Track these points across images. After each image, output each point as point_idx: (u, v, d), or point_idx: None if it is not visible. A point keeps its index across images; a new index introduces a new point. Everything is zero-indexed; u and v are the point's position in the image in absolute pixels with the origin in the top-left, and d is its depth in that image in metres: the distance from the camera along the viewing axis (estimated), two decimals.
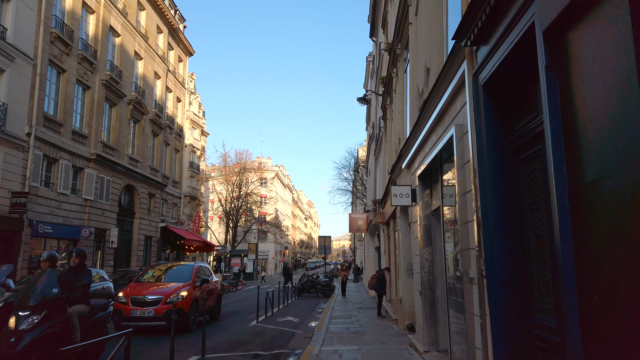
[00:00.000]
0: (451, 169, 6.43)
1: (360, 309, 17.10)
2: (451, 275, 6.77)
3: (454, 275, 6.51)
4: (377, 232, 20.21)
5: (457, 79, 5.11)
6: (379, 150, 21.64)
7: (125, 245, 25.91)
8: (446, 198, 6.87)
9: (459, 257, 6.13)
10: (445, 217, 7.02)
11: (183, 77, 35.94)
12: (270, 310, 15.90)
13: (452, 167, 6.31)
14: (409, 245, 11.67)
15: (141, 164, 27.25)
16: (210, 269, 14.31)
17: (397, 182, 12.30)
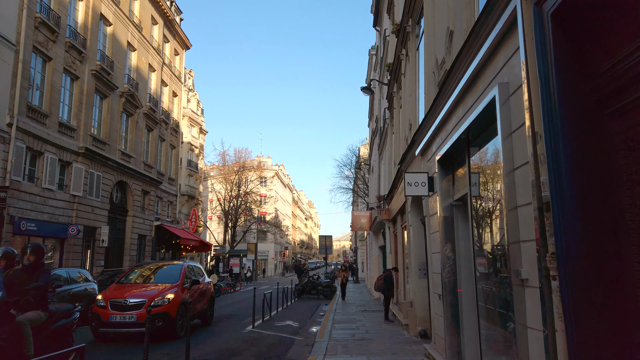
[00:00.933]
0: (487, 144, 5.26)
1: (365, 312, 15.93)
2: (482, 276, 5.61)
3: (488, 276, 5.34)
4: (382, 230, 19.05)
5: (504, 21, 3.94)
6: (384, 144, 20.49)
7: (117, 245, 24.74)
8: (478, 182, 5.70)
9: (497, 253, 4.96)
10: (476, 205, 5.85)
11: (179, 70, 34.79)
12: (268, 314, 14.74)
13: (488, 141, 5.15)
14: (422, 242, 10.50)
15: (134, 159, 26.09)
16: (202, 269, 13.13)
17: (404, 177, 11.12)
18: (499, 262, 4.90)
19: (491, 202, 5.26)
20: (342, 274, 23.03)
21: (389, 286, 12.83)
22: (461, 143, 6.12)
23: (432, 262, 8.04)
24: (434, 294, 7.92)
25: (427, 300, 10.29)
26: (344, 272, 23.42)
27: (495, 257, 5.05)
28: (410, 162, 10.47)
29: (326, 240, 42.40)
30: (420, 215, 10.64)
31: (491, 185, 5.23)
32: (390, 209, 16.89)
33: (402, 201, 12.50)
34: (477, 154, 5.72)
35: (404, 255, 13.76)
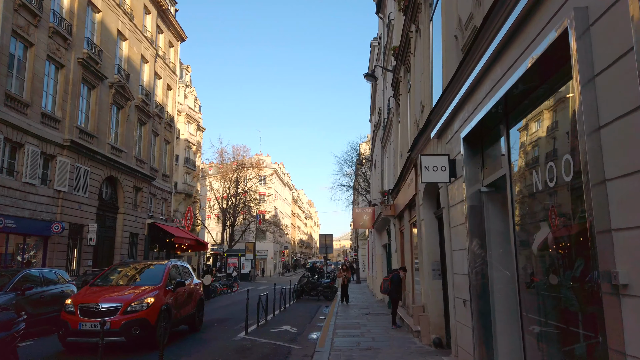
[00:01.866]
0: (539, 104, 4.04)
1: (369, 316, 14.72)
2: (528, 278, 4.40)
3: (546, 279, 4.12)
4: (387, 227, 17.84)
5: None
6: (388, 135, 19.28)
7: (106, 243, 23.52)
8: (524, 158, 4.48)
9: (559, 247, 3.74)
10: (519, 187, 4.63)
11: (174, 63, 33.56)
12: (264, 318, 13.53)
13: (542, 99, 3.93)
14: (435, 239, 9.30)
15: (125, 154, 24.86)
16: (190, 269, 11.89)
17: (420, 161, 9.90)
18: (562, 259, 3.68)
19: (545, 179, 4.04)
20: (343, 274, 20.13)
21: (397, 288, 11.61)
22: (495, 113, 4.91)
23: (454, 261, 6.83)
24: (457, 298, 6.71)
25: (441, 304, 9.08)
26: (345, 272, 20.51)
27: (556, 254, 3.83)
28: (422, 148, 9.25)
29: (326, 239, 41.13)
30: (434, 208, 9.44)
31: (545, 158, 4.01)
32: (396, 204, 15.68)
33: (411, 194, 11.29)
34: (523, 121, 4.50)
35: (412, 253, 12.55)
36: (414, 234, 12.30)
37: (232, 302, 21.70)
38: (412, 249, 12.55)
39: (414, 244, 12.22)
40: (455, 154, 6.51)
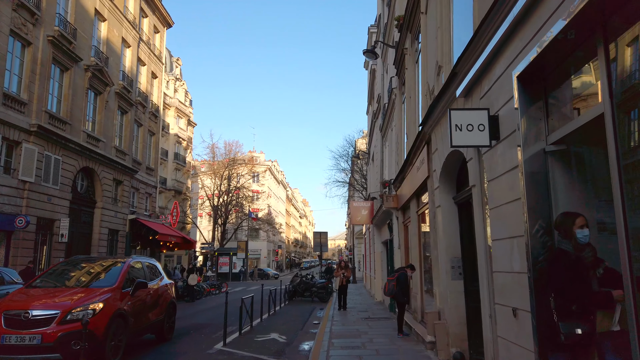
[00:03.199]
0: None
1: (369, 321, 12.95)
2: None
3: None
4: (388, 222, 16.10)
5: None
6: (389, 122, 17.53)
7: (82, 240, 21.62)
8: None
9: None
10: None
11: (160, 50, 31.62)
12: (249, 323, 11.73)
13: None
14: (455, 229, 7.55)
15: (104, 144, 22.95)
16: (160, 267, 10.04)
17: (434, 137, 8.14)
18: None
19: None
20: (341, 273, 16.70)
21: (404, 290, 9.82)
22: (582, 23, 3.15)
23: (494, 255, 5.05)
24: (499, 306, 4.93)
25: (463, 311, 7.33)
26: (343, 269, 16.90)
27: None
28: (440, 117, 7.46)
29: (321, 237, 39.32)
30: (453, 192, 7.68)
31: None
32: (399, 194, 13.91)
33: (420, 178, 9.53)
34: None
35: (420, 249, 10.79)
36: (424, 226, 10.54)
37: (218, 304, 19.87)
38: (421, 244, 10.79)
39: (425, 238, 10.47)
40: (498, 107, 4.73)
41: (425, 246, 10.58)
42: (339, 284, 16.65)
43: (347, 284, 16.97)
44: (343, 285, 16.50)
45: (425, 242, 10.56)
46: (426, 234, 10.22)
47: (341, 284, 16.54)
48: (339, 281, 16.84)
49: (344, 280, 16.56)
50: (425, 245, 10.63)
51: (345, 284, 16.59)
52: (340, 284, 16.55)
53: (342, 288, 16.49)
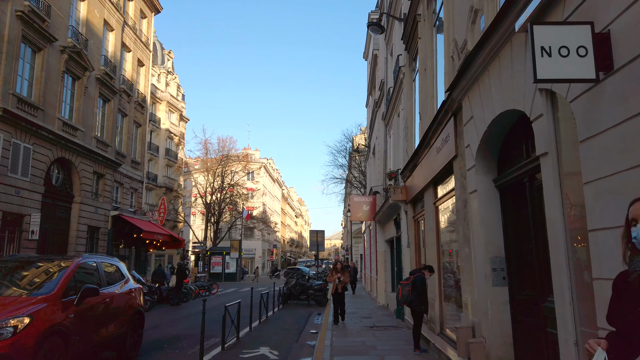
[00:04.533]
0: None
1: (375, 330, 11.21)
2: None
3: None
4: (395, 217, 14.35)
5: None
6: (394, 107, 15.81)
7: (57, 238, 19.76)
8: None
9: None
10: None
11: (147, 36, 29.76)
12: (235, 334, 9.96)
13: None
14: (497, 220, 5.82)
15: (83, 133, 21.10)
16: (122, 267, 8.20)
17: (466, 103, 6.39)
18: None
19: None
20: (336, 277, 13.05)
21: (421, 296, 8.06)
22: None
23: (597, 254, 3.30)
24: (604, 332, 3.17)
25: (509, 326, 5.61)
26: (339, 273, 13.19)
27: None
28: (480, 73, 5.72)
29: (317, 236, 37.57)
30: (493, 172, 5.95)
31: None
32: (408, 186, 12.19)
33: (441, 162, 7.82)
34: None
35: (438, 247, 9.06)
36: (444, 220, 8.82)
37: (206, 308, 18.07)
38: (439, 242, 9.05)
39: (445, 234, 8.75)
40: (609, 20, 3.00)
41: (445, 244, 8.85)
42: (334, 291, 13.09)
43: (344, 292, 13.18)
44: (339, 294, 12.95)
45: (445, 239, 8.84)
46: (447, 228, 8.50)
47: (336, 292, 12.96)
48: (332, 287, 13.28)
49: (339, 287, 12.94)
50: (444, 243, 8.91)
51: (341, 292, 12.96)
52: (336, 291, 12.98)
53: (338, 296, 12.96)
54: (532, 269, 5.04)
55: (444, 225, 8.82)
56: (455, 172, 7.10)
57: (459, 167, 6.91)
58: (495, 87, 5.11)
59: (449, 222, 8.41)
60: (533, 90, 4.13)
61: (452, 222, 8.05)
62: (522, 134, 5.12)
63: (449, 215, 8.37)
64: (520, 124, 5.16)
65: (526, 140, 5.03)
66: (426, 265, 8.63)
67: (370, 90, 27.50)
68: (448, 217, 8.46)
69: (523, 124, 5.00)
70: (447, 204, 8.38)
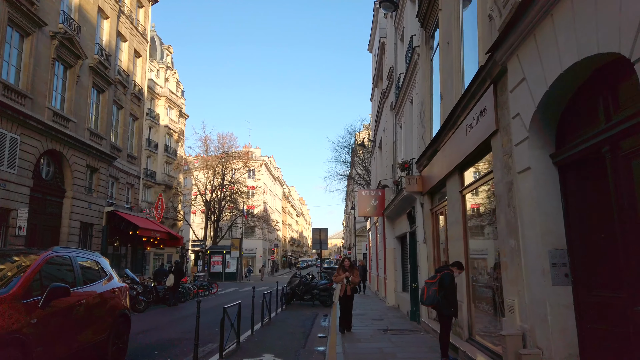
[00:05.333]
0: None
1: (391, 335, 10.13)
2: None
3: None
4: (409, 211, 13.22)
5: None
6: (406, 94, 14.72)
7: (48, 234, 18.69)
8: None
9: None
10: None
11: (144, 27, 28.66)
12: (235, 339, 8.89)
13: None
14: (557, 204, 4.74)
15: (75, 125, 20.02)
16: (104, 264, 7.10)
17: (514, 65, 5.30)
18: None
19: None
20: (344, 277, 10.78)
21: (449, 297, 6.97)
22: None
23: None
24: None
25: (574, 336, 4.54)
26: (347, 272, 10.87)
27: None
28: (538, 20, 4.62)
29: (320, 234, 36.49)
30: (551, 146, 4.86)
31: None
32: (425, 176, 11.12)
33: (473, 143, 6.76)
34: None
35: (465, 241, 7.96)
36: (475, 209, 7.75)
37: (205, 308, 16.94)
38: (466, 235, 7.96)
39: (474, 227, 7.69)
40: None
41: (475, 237, 7.77)
42: (342, 294, 10.77)
43: (353, 295, 11.02)
44: (347, 297, 10.76)
45: (475, 231, 7.75)
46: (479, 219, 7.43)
47: (345, 295, 10.75)
48: (340, 290, 10.84)
49: (348, 289, 10.75)
50: (474, 236, 7.83)
51: (350, 295, 10.82)
52: (344, 294, 10.74)
53: (346, 301, 10.75)
54: (610, 265, 3.97)
55: (474, 216, 7.74)
56: (495, 151, 6.02)
57: (500, 144, 5.82)
58: (564, 33, 4.03)
59: (482, 211, 7.33)
60: (638, 21, 3.05)
61: (486, 211, 6.98)
62: (597, 92, 4.04)
63: (482, 204, 7.30)
64: (594, 80, 4.08)
65: (605, 99, 3.95)
66: (455, 261, 7.54)
67: (376, 82, 26.40)
68: (481, 205, 7.38)
69: (599, 79, 3.93)
70: (480, 191, 7.30)
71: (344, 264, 11.24)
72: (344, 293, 10.80)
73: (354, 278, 10.93)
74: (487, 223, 6.97)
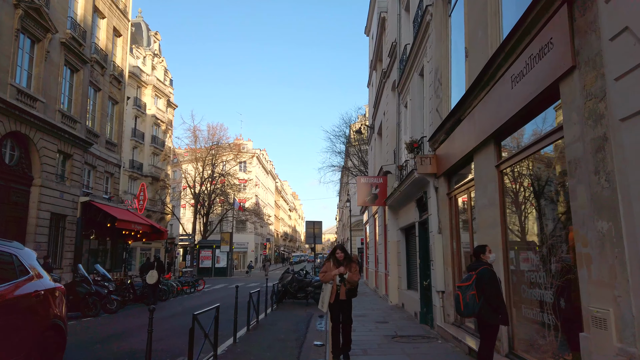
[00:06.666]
0: None
1: (402, 343, 8.42)
2: None
3: None
4: (420, 196, 11.41)
5: None
6: (413, 65, 12.97)
7: (12, 226, 16.79)
8: None
9: None
10: None
11: (125, 4, 26.59)
12: (212, 351, 7.13)
13: None
14: None
15: (44, 105, 18.07)
16: (29, 257, 5.30)
17: None
18: None
19: None
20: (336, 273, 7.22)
21: (493, 300, 5.10)
22: None
23: None
24: None
25: None
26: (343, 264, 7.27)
27: None
28: None
29: (314, 227, 34.76)
30: None
31: None
32: (441, 154, 9.41)
33: (530, 91, 5.03)
34: None
35: (503, 228, 6.25)
36: (519, 188, 6.05)
37: (185, 308, 15.24)
38: (504, 221, 6.25)
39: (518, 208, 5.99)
40: None
41: (518, 223, 6.08)
42: (332, 298, 7.20)
43: (351, 301, 7.36)
44: (341, 303, 7.20)
45: (520, 215, 6.05)
46: (527, 199, 5.73)
47: (336, 299, 7.19)
48: (331, 292, 7.22)
49: (342, 291, 7.16)
50: (516, 222, 6.12)
51: (346, 300, 7.22)
52: (337, 298, 7.17)
53: (340, 308, 7.24)
54: None
55: (517, 195, 6.02)
56: (568, 97, 4.29)
57: (578, 87, 4.09)
58: None
59: (533, 189, 5.62)
60: None
61: (540, 188, 5.27)
62: None
63: (534, 178, 5.58)
64: None
65: None
66: (477, 247, 5.70)
67: (374, 64, 24.61)
68: (532, 181, 5.67)
69: None
70: (531, 161, 5.58)
71: (337, 255, 7.37)
72: (336, 297, 7.13)
73: (351, 275, 7.13)
74: (545, 202, 5.26)
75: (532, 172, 5.67)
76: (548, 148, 5.07)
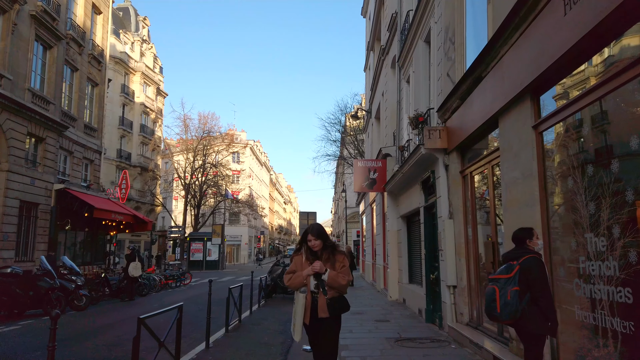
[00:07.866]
0: None
1: (408, 348, 7.01)
2: None
3: None
4: (426, 178, 9.94)
5: None
6: (416, 33, 11.49)
7: None
8: None
9: None
10: None
11: None
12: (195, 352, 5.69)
13: None
14: None
15: (10, 82, 16.48)
16: None
17: None
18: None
19: None
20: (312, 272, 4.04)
21: (543, 300, 3.72)
22: None
23: None
24: None
25: None
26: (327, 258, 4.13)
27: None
28: None
29: (308, 218, 33.49)
30: None
31: None
32: (453, 126, 7.99)
33: (601, 8, 3.54)
34: None
35: (544, 209, 4.84)
36: (568, 156, 4.62)
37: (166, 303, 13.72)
38: (547, 198, 4.84)
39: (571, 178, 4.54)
40: None
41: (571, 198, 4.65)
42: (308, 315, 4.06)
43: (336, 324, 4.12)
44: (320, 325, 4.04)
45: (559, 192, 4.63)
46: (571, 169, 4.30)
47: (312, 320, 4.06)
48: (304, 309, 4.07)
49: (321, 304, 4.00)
50: (569, 195, 4.70)
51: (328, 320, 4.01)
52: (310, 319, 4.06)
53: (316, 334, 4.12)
54: None
55: (565, 165, 4.59)
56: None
57: None
58: None
59: (591, 152, 4.19)
60: None
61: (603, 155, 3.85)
62: None
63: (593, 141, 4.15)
64: None
65: None
66: (518, 231, 4.25)
67: (372, 45, 23.10)
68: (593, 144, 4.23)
69: None
70: (588, 112, 4.15)
71: (309, 243, 4.21)
72: (312, 317, 4.08)
73: (334, 275, 4.06)
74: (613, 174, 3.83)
75: (593, 126, 4.23)
76: (625, 87, 3.62)
